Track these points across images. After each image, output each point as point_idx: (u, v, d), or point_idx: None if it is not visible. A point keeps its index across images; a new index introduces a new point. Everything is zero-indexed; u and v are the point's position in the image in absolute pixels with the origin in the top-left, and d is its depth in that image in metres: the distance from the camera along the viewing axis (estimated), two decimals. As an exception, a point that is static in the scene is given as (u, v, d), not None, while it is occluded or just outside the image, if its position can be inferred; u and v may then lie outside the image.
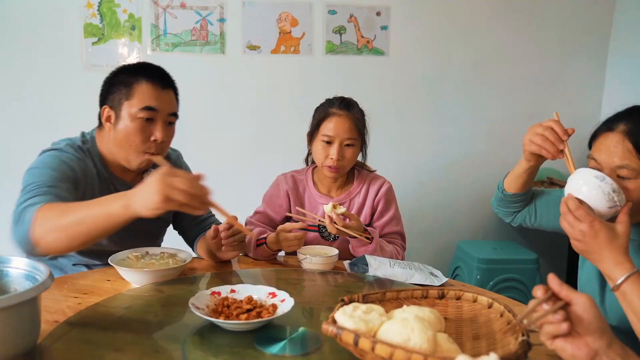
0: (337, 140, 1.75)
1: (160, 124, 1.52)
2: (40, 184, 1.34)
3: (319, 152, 1.78)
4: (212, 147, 2.93)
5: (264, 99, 2.96)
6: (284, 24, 2.89)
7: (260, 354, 0.98)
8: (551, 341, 0.81)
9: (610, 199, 1.10)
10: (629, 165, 1.14)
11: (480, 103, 3.17)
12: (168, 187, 1.07)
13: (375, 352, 0.79)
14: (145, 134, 1.50)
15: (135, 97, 1.49)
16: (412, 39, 3.04)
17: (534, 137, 1.30)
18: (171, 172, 1.10)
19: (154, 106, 1.49)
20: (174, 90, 1.59)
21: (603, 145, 1.19)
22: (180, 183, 1.08)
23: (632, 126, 1.15)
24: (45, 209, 1.21)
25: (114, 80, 1.53)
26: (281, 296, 1.16)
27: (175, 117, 1.58)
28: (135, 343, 1.02)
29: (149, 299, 1.25)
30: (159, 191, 1.06)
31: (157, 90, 1.51)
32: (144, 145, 1.51)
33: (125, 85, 1.50)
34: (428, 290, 1.12)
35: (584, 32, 3.20)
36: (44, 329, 1.02)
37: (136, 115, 1.48)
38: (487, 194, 3.24)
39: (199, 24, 2.83)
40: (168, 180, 1.07)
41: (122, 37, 2.81)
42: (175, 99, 1.59)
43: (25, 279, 1.02)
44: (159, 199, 1.06)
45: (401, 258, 1.79)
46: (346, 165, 1.79)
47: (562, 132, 1.25)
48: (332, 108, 1.78)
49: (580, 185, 1.13)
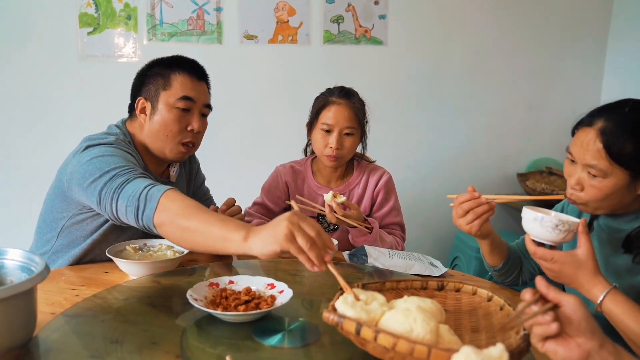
0: (336, 129, 1.74)
1: (196, 115, 1.55)
2: (126, 166, 1.30)
3: (318, 141, 1.77)
4: (209, 137, 2.90)
5: (262, 89, 2.94)
6: (282, 13, 2.86)
7: (259, 345, 0.97)
8: (542, 344, 0.79)
9: (559, 231, 1.11)
10: (597, 165, 1.13)
11: (480, 93, 3.16)
12: (296, 226, 1.00)
13: (378, 342, 0.77)
14: (182, 123, 1.52)
15: (173, 87, 1.51)
16: (410, 28, 3.01)
17: (461, 221, 1.28)
18: (302, 215, 1.04)
19: (192, 96, 1.52)
20: (207, 84, 1.63)
21: (579, 140, 1.19)
22: (309, 228, 1.01)
23: (608, 125, 1.13)
24: (169, 197, 1.18)
25: (149, 72, 1.55)
26: (280, 287, 1.16)
27: (210, 109, 1.61)
28: (132, 335, 1.01)
29: (147, 290, 1.24)
30: (286, 227, 0.99)
31: (193, 82, 1.54)
32: (180, 135, 1.53)
33: (162, 76, 1.52)
34: (427, 281, 1.11)
35: (584, 23, 3.19)
36: (41, 321, 1.01)
37: (174, 104, 1.50)
38: (486, 184, 3.26)
39: (195, 14, 2.80)
40: (297, 221, 1.01)
41: (118, 27, 2.78)
42: (208, 92, 1.63)
43: (21, 270, 1.01)
44: (282, 235, 0.99)
45: (401, 249, 1.79)
46: (345, 155, 1.78)
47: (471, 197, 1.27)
48: (332, 97, 1.77)
49: (530, 227, 1.15)
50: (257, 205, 1.86)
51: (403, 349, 0.75)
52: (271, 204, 1.84)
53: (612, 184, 1.13)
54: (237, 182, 2.77)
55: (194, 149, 1.60)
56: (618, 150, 1.11)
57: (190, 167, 1.81)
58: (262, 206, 1.85)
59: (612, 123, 1.13)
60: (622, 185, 1.13)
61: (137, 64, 1.62)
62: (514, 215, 3.23)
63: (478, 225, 1.26)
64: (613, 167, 1.12)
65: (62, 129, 2.75)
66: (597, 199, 1.16)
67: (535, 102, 3.18)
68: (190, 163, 1.82)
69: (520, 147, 3.19)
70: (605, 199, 1.16)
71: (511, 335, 0.87)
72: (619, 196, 1.15)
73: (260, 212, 1.84)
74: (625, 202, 1.17)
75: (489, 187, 3.26)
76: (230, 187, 1.72)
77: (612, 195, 1.15)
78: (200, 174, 1.87)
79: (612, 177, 1.13)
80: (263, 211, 1.84)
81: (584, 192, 1.17)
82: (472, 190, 1.27)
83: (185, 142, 1.55)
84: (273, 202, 1.84)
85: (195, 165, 1.84)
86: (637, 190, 1.15)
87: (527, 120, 3.16)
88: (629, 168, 1.11)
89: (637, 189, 1.15)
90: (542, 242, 1.13)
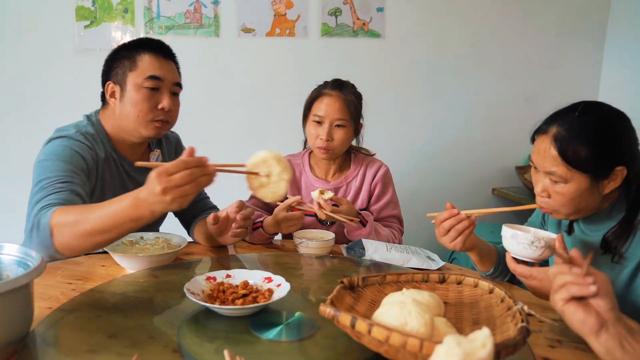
0: (327, 120, 1.74)
1: (166, 93, 1.54)
2: (53, 179, 1.35)
3: (311, 133, 1.77)
4: (207, 131, 2.91)
5: (259, 82, 2.93)
6: (279, 6, 2.85)
7: (256, 339, 0.97)
8: (564, 302, 0.81)
9: (535, 248, 1.12)
10: (556, 172, 1.14)
11: (477, 85, 3.15)
12: (175, 190, 1.02)
13: (372, 335, 0.78)
14: (152, 102, 1.52)
15: (139, 68, 1.51)
16: (408, 21, 3.00)
17: (444, 240, 1.29)
18: (164, 173, 1.03)
19: (159, 75, 1.52)
20: (176, 63, 1.62)
21: (537, 148, 1.20)
22: (183, 179, 1.03)
23: (560, 131, 1.14)
24: (60, 213, 1.20)
25: (116, 56, 1.56)
26: (277, 281, 1.16)
27: (180, 88, 1.61)
28: (129, 329, 1.01)
29: (144, 284, 1.24)
30: (172, 199, 1.03)
31: (160, 60, 1.54)
32: (152, 114, 1.53)
33: (128, 58, 1.53)
34: (429, 274, 1.11)
35: (582, 14, 3.18)
36: (38, 316, 1.01)
37: (142, 84, 1.51)
38: (484, 176, 3.26)
39: (192, 7, 2.79)
40: (170, 184, 1.02)
41: (115, 20, 2.77)
42: (177, 71, 1.62)
43: (17, 265, 1.00)
44: (177, 204, 1.04)
45: (398, 241, 1.78)
46: (336, 147, 1.77)
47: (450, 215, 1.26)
48: (324, 89, 1.77)
49: (508, 244, 1.17)
50: (255, 198, 1.85)
51: (396, 341, 0.75)
52: (269, 197, 1.84)
53: (574, 188, 1.14)
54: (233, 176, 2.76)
55: (169, 125, 1.60)
56: (573, 155, 1.11)
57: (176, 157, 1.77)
58: (259, 199, 1.84)
59: (563, 128, 1.14)
60: (584, 188, 1.14)
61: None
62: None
63: (461, 242, 1.26)
64: (572, 172, 1.13)
65: (59, 122, 2.72)
66: (564, 204, 1.17)
67: (534, 94, 3.18)
68: (177, 153, 1.81)
69: (518, 139, 3.18)
70: (571, 204, 1.16)
71: (510, 327, 0.88)
72: (585, 199, 1.16)
73: (258, 205, 1.84)
74: (593, 204, 1.18)
75: (487, 180, 3.26)
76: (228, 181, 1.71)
77: (577, 199, 1.15)
78: None
79: (574, 182, 1.14)
80: (260, 204, 1.84)
81: (552, 199, 1.18)
82: (451, 207, 1.27)
83: (158, 119, 1.54)
84: (271, 195, 1.84)
85: None
86: (602, 191, 1.16)
87: (525, 113, 3.15)
88: (586, 172, 1.12)
89: (600, 190, 1.15)
90: (523, 260, 1.15)
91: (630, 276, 1.16)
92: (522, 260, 1.16)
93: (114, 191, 1.54)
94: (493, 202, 3.27)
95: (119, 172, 1.59)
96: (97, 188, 1.53)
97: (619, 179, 1.14)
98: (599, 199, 1.17)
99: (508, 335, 0.83)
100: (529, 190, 3.04)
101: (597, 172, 1.13)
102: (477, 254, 1.37)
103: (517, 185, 3.23)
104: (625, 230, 1.16)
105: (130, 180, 1.62)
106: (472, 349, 0.69)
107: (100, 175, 1.53)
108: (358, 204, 1.83)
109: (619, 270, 1.18)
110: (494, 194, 3.25)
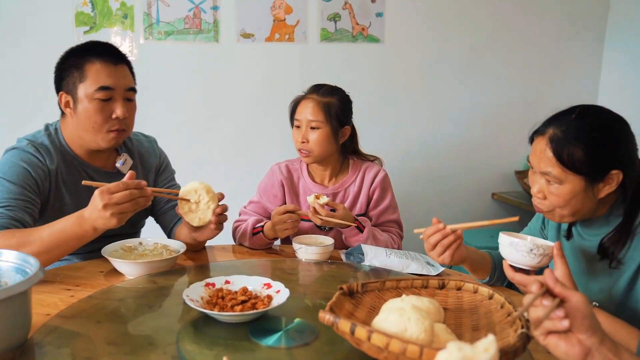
0: (303, 123, 1.76)
1: (119, 101, 1.49)
2: None
3: (294, 138, 1.79)
4: (205, 136, 2.91)
5: (259, 87, 2.93)
6: (278, 12, 2.85)
7: (256, 345, 0.97)
8: (544, 337, 0.80)
9: (534, 255, 1.12)
10: (552, 173, 1.15)
11: (477, 90, 3.15)
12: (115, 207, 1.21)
13: (372, 342, 0.78)
14: (105, 113, 1.48)
15: (88, 78, 1.46)
16: (407, 25, 3.00)
17: (432, 254, 1.29)
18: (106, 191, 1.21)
19: (109, 85, 1.47)
20: (128, 65, 1.55)
21: (534, 149, 1.20)
22: (123, 197, 1.21)
23: (556, 132, 1.15)
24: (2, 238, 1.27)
25: (64, 64, 1.51)
26: (276, 287, 1.15)
27: (134, 92, 1.55)
28: (128, 336, 1.01)
29: (143, 290, 1.23)
30: (112, 214, 1.21)
31: (109, 68, 1.48)
32: (107, 124, 1.49)
33: (76, 67, 1.48)
34: (428, 280, 1.11)
35: (581, 17, 3.18)
36: (36, 323, 1.01)
37: (93, 96, 1.46)
38: (483, 181, 3.25)
39: (192, 12, 2.79)
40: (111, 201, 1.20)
41: (115, 25, 2.77)
42: (131, 74, 1.56)
43: (15, 272, 1.00)
44: (116, 220, 1.22)
45: (397, 246, 1.78)
46: (312, 148, 1.76)
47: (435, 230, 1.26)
48: (305, 94, 1.81)
49: (506, 252, 1.16)
50: (253, 204, 1.85)
51: (396, 348, 0.75)
52: (267, 202, 1.84)
53: (569, 189, 1.14)
54: (233, 181, 2.76)
55: (126, 133, 1.55)
56: (567, 157, 1.12)
57: (148, 163, 1.73)
58: (258, 205, 1.85)
59: (560, 130, 1.15)
60: (579, 190, 1.14)
61: (134, 62, 1.60)
62: (512, 213, 3.23)
63: (449, 257, 1.26)
64: (566, 173, 1.13)
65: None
66: (559, 205, 1.17)
67: (533, 98, 3.18)
68: (151, 157, 1.74)
69: (518, 144, 3.18)
70: (566, 206, 1.16)
71: (510, 333, 0.87)
72: (580, 201, 1.16)
73: (256, 211, 1.83)
74: (588, 207, 1.17)
75: (487, 184, 3.26)
76: (226, 186, 1.71)
77: (572, 201, 1.15)
78: (167, 170, 1.79)
79: (568, 183, 1.14)
80: (259, 210, 1.84)
81: (547, 200, 1.19)
82: (437, 221, 1.27)
83: (113, 130, 1.51)
84: (269, 200, 1.84)
85: (156, 162, 1.75)
86: (597, 195, 1.15)
87: (524, 117, 3.13)
88: (581, 173, 1.12)
89: (595, 193, 1.15)
90: (521, 267, 1.15)
91: (629, 282, 1.16)
92: (519, 268, 1.15)
93: (77, 198, 1.53)
94: (493, 206, 3.26)
95: (82, 179, 1.51)
96: (55, 199, 1.51)
97: (615, 183, 1.14)
98: (594, 202, 1.17)
99: (508, 342, 0.83)
100: (528, 194, 3.03)
101: (592, 175, 1.13)
102: (469, 265, 1.37)
103: (516, 189, 3.22)
104: (623, 236, 1.16)
105: None
106: (474, 354, 0.69)
107: (54, 186, 1.50)
108: (357, 209, 1.83)
109: (617, 275, 1.18)
110: (493, 199, 3.25)
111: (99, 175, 1.58)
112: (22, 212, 1.38)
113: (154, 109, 2.68)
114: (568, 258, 1.29)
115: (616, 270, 1.18)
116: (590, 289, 1.23)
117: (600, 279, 1.22)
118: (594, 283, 1.23)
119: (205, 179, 1.89)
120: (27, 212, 1.40)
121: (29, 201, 1.42)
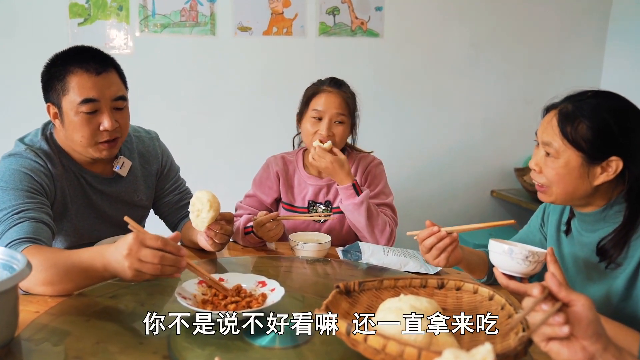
0: (327, 115, 1.73)
1: (105, 113, 1.39)
2: (10, 210, 1.26)
3: (308, 130, 1.75)
4: (202, 130, 2.88)
5: (256, 81, 2.90)
6: (276, 5, 2.82)
7: (249, 346, 0.95)
8: (545, 343, 0.77)
9: (529, 262, 1.09)
10: (552, 143, 1.14)
11: (477, 86, 3.13)
12: (136, 262, 1.04)
13: (368, 343, 0.76)
14: (92, 126, 1.39)
15: (70, 91, 1.36)
16: (407, 20, 2.97)
17: (427, 257, 1.27)
18: (140, 239, 1.05)
19: (93, 97, 1.36)
20: (116, 69, 1.44)
21: (542, 121, 1.20)
22: (150, 255, 1.04)
23: (567, 106, 1.15)
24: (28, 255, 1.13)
25: (48, 74, 1.42)
26: (271, 285, 1.13)
27: (123, 100, 1.43)
28: (119, 334, 0.99)
29: (135, 287, 1.21)
30: (129, 269, 1.04)
31: (92, 78, 1.36)
32: (95, 137, 1.40)
33: (58, 79, 1.38)
34: (427, 279, 1.09)
35: (583, 14, 3.16)
36: (23, 320, 0.99)
37: (77, 110, 1.36)
38: (483, 179, 3.23)
39: (188, 4, 2.75)
40: (137, 253, 1.04)
41: (109, 18, 2.73)
42: (120, 79, 1.45)
43: (2, 268, 0.98)
44: (130, 277, 1.05)
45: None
46: (337, 143, 1.74)
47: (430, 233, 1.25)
48: (322, 86, 1.77)
49: (499, 260, 1.13)
50: (249, 197, 1.83)
51: (393, 350, 0.73)
52: (263, 195, 1.82)
53: (563, 163, 1.13)
54: (230, 175, 2.74)
55: (120, 140, 1.47)
56: (571, 129, 1.12)
57: (149, 165, 1.67)
58: (253, 198, 1.82)
59: (572, 105, 1.14)
60: (574, 166, 1.13)
61: (129, 56, 1.57)
62: (511, 211, 3.22)
63: (445, 259, 1.25)
64: (565, 146, 1.12)
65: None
66: (553, 180, 1.16)
67: (533, 95, 3.16)
68: (154, 154, 1.67)
69: (517, 141, 3.17)
70: (559, 182, 1.15)
71: (510, 336, 0.85)
72: (574, 180, 1.14)
73: (252, 205, 1.81)
74: (581, 191, 1.15)
75: (486, 182, 3.24)
76: (224, 180, 1.69)
77: (566, 177, 1.14)
78: (172, 170, 1.74)
79: (564, 157, 1.13)
80: (255, 204, 1.82)
81: (543, 174, 1.18)
82: (431, 224, 1.26)
83: (103, 141, 1.41)
84: (264, 193, 1.82)
85: (157, 166, 1.68)
86: (592, 180, 1.13)
87: (524, 114, 3.13)
88: (580, 149, 1.11)
89: (591, 177, 1.13)
90: (512, 275, 1.11)
91: (629, 279, 1.13)
92: (510, 275, 1.13)
93: (77, 203, 1.48)
94: (492, 204, 3.25)
95: (80, 184, 1.49)
96: (59, 203, 1.44)
97: (613, 171, 1.12)
98: (588, 187, 1.14)
99: (508, 345, 0.80)
100: (528, 192, 3.02)
101: (590, 154, 1.11)
102: (465, 266, 1.36)
103: (516, 187, 3.21)
104: (621, 240, 1.14)
105: (92, 190, 1.52)
106: None
107: (59, 190, 1.43)
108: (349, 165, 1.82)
109: (616, 274, 1.16)
110: (492, 196, 3.23)
111: (97, 182, 1.52)
112: (39, 212, 1.29)
113: (149, 103, 2.65)
114: (567, 255, 1.27)
115: (615, 270, 1.16)
116: (588, 288, 1.21)
117: (598, 278, 1.20)
118: (592, 281, 1.21)
119: (201, 173, 1.88)
120: (43, 211, 1.31)
121: (41, 202, 1.33)
